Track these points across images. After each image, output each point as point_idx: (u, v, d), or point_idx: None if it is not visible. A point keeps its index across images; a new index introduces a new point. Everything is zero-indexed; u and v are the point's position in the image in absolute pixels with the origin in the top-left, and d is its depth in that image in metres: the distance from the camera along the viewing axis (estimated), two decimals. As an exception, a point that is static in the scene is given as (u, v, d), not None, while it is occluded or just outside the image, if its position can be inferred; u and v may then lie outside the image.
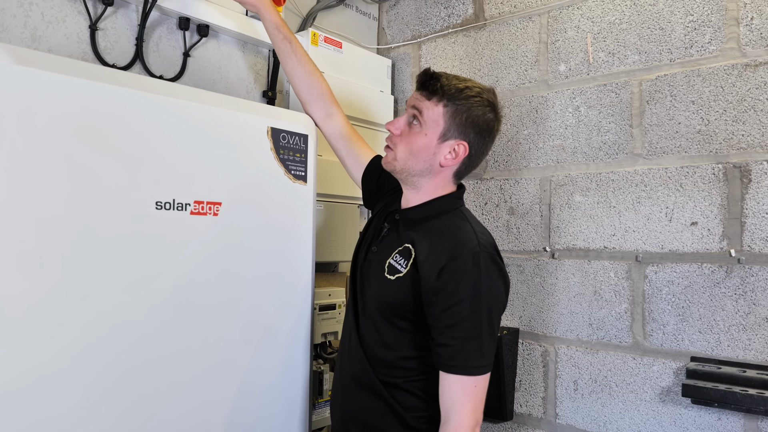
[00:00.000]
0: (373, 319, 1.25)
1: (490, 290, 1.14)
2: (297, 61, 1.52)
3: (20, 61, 1.06)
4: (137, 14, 1.51)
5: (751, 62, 1.50)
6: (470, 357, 1.12)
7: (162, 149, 1.23)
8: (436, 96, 1.20)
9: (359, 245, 1.39)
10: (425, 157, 1.21)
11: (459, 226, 1.22)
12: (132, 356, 1.17)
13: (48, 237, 1.06)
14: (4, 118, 1.01)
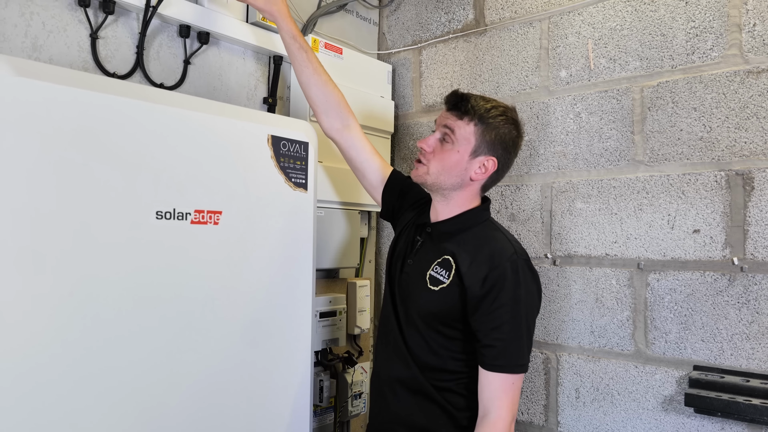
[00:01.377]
0: (418, 327, 1.34)
1: (528, 295, 1.27)
2: (312, 71, 1.53)
3: (21, 72, 1.06)
4: (138, 22, 1.51)
5: (754, 69, 1.50)
6: (512, 356, 1.24)
7: (162, 158, 1.24)
8: (468, 116, 1.30)
9: (392, 258, 1.47)
10: (457, 172, 1.32)
11: (493, 236, 1.33)
12: (133, 363, 1.18)
13: (49, 246, 1.06)
14: (5, 129, 1.02)
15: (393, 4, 2.26)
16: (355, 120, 1.59)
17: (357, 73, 2.02)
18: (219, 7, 1.65)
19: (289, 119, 1.56)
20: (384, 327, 1.45)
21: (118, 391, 1.15)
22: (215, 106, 1.37)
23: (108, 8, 1.44)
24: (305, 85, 1.56)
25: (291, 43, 1.52)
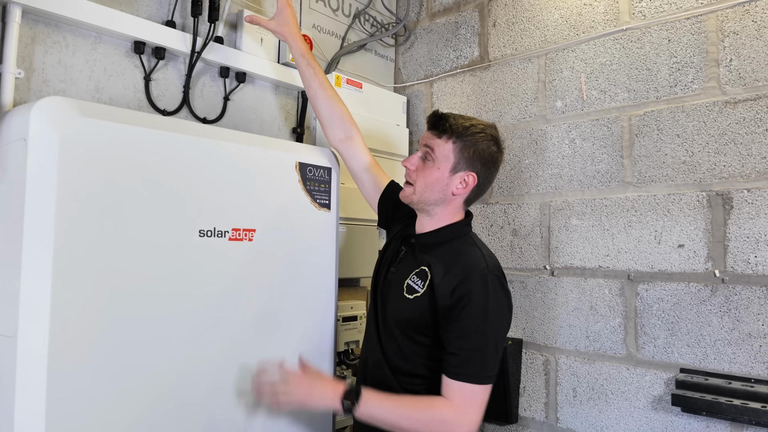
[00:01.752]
0: (393, 333, 1.30)
1: (496, 309, 1.19)
2: (318, 85, 1.54)
3: (85, 114, 1.14)
4: (185, 65, 1.60)
5: (731, 100, 1.52)
6: (474, 367, 1.16)
7: (204, 184, 1.30)
8: (446, 134, 1.26)
9: (379, 266, 1.43)
10: (439, 188, 1.27)
11: (469, 250, 1.27)
12: (180, 364, 1.24)
13: (111, 261, 1.13)
14: (73, 162, 1.09)
15: (407, 43, 2.32)
16: (358, 133, 1.58)
17: (375, 105, 2.09)
18: (254, 51, 1.73)
19: (315, 147, 1.62)
20: (366, 332, 1.42)
21: (165, 384, 1.22)
22: (250, 138, 1.44)
23: (159, 54, 1.53)
24: (312, 99, 1.57)
25: (300, 60, 1.55)
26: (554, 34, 1.88)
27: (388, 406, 1.20)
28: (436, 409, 1.17)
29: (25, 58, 1.32)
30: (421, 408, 1.18)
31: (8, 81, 1.28)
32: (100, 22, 1.40)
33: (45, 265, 1.07)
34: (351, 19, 2.13)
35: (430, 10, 2.26)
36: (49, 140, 1.09)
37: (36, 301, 1.06)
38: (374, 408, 1.20)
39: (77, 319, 1.09)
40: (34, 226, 1.08)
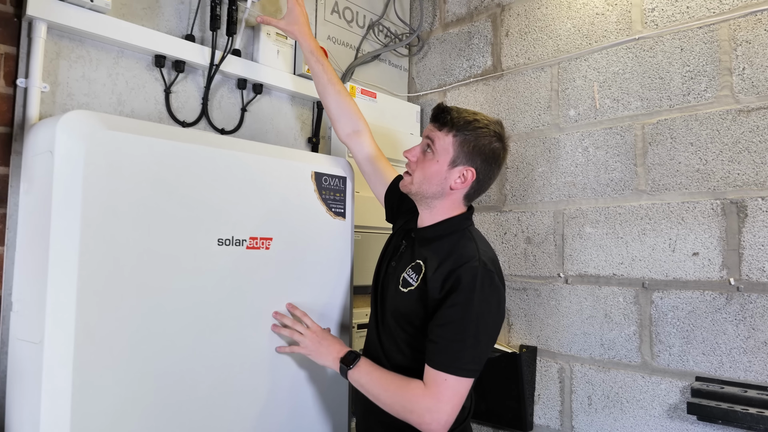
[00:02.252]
0: (390, 327, 1.31)
1: (482, 303, 1.16)
2: (327, 81, 1.56)
3: (109, 126, 1.18)
4: (203, 78, 1.64)
5: (744, 108, 1.52)
6: (451, 356, 1.15)
7: (223, 194, 1.34)
8: (446, 127, 1.25)
9: (380, 260, 1.45)
10: (437, 181, 1.26)
11: (465, 244, 1.25)
12: (200, 369, 1.27)
13: (135, 268, 1.16)
14: (97, 174, 1.13)
15: (421, 53, 2.35)
16: (366, 127, 1.58)
17: (389, 114, 2.11)
18: (270, 63, 1.76)
19: (330, 157, 1.64)
20: (369, 326, 1.43)
21: (187, 383, 1.24)
22: (267, 149, 1.47)
23: (179, 67, 1.57)
24: (321, 94, 1.58)
25: (310, 57, 1.57)
26: (567, 44, 1.89)
27: (374, 377, 1.25)
28: (411, 392, 1.18)
29: (50, 72, 1.36)
30: (400, 387, 1.20)
31: (34, 95, 1.32)
32: (122, 37, 1.44)
33: (70, 274, 1.10)
34: (365, 30, 2.16)
35: (443, 21, 2.29)
36: (75, 153, 1.13)
37: (62, 308, 1.10)
38: (363, 376, 1.26)
39: (101, 326, 1.12)
40: (60, 236, 1.11)
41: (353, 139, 1.58)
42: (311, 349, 1.37)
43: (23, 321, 1.21)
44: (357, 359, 1.29)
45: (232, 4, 1.63)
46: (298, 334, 1.38)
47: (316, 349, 1.36)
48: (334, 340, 1.38)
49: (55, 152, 1.13)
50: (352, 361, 1.29)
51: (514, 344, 1.95)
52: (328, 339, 1.37)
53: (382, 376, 1.25)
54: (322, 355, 1.35)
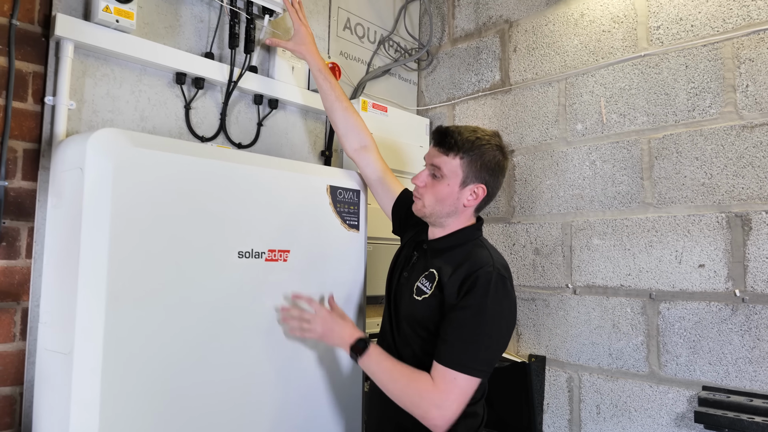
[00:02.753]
0: (405, 334, 1.35)
1: (495, 306, 1.21)
2: (335, 98, 1.61)
3: (136, 144, 1.22)
4: (221, 94, 1.69)
5: (748, 124, 1.57)
6: (461, 355, 1.18)
7: (243, 208, 1.38)
8: (452, 151, 1.29)
9: (392, 271, 1.49)
10: (450, 202, 1.31)
11: (478, 252, 1.30)
12: (221, 375, 1.30)
13: (160, 279, 1.21)
14: (125, 190, 1.17)
15: (430, 67, 2.40)
16: (372, 143, 1.62)
17: (400, 127, 2.16)
18: (286, 79, 1.81)
19: (344, 171, 1.69)
20: (381, 333, 1.47)
21: (205, 395, 1.28)
22: (284, 163, 1.51)
23: (199, 84, 1.62)
24: (329, 111, 1.63)
25: (318, 75, 1.62)
26: (574, 60, 1.94)
27: (384, 366, 1.27)
28: (419, 385, 1.21)
29: (77, 90, 1.41)
30: (410, 380, 1.23)
31: (62, 112, 1.37)
32: (145, 56, 1.49)
33: (99, 286, 1.14)
34: (376, 45, 2.22)
35: (452, 36, 2.34)
36: (104, 169, 1.17)
37: (91, 320, 1.14)
38: (373, 364, 1.28)
39: (128, 336, 1.16)
40: (90, 249, 1.15)
41: (360, 154, 1.62)
42: (321, 334, 1.37)
43: (52, 332, 1.25)
44: (367, 347, 1.30)
45: (250, 23, 1.68)
46: (306, 322, 1.38)
47: (327, 334, 1.37)
48: (345, 323, 1.38)
49: (85, 169, 1.17)
50: (362, 348, 1.30)
51: (523, 354, 1.98)
52: (338, 323, 1.37)
53: (392, 367, 1.27)
54: (333, 340, 1.37)
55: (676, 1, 1.72)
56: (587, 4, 1.92)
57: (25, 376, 1.32)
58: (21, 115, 1.35)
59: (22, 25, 1.35)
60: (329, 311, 1.41)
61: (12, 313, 1.32)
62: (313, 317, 1.39)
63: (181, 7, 1.62)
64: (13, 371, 1.31)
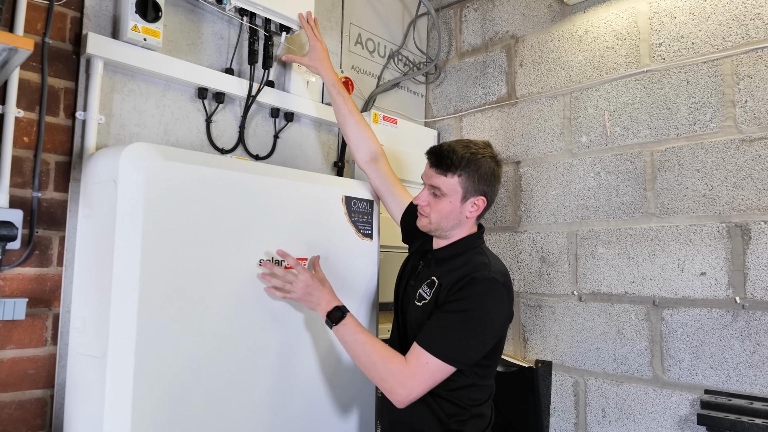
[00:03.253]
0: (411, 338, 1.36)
1: (481, 303, 1.27)
2: (348, 111, 1.67)
3: (165, 157, 1.28)
4: (240, 108, 1.76)
5: (747, 138, 1.64)
6: (437, 339, 1.24)
7: (262, 217, 1.43)
8: (450, 171, 1.34)
9: (399, 280, 1.55)
10: (454, 216, 1.37)
11: (477, 259, 1.36)
12: (243, 375, 1.36)
13: (187, 288, 1.27)
14: (155, 201, 1.23)
15: (437, 80, 2.47)
16: (383, 155, 1.68)
17: (409, 139, 2.23)
18: (301, 93, 1.88)
19: (359, 182, 1.75)
20: (390, 339, 1.52)
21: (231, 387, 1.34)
22: (302, 175, 1.57)
23: (219, 99, 1.69)
24: (342, 124, 1.68)
25: (332, 89, 1.68)
26: (578, 74, 2.01)
27: (359, 338, 1.31)
28: (390, 362, 1.26)
29: (105, 105, 1.48)
30: (383, 356, 1.28)
31: (92, 127, 1.44)
32: (170, 72, 1.56)
33: (132, 292, 1.20)
34: (386, 59, 2.29)
35: (459, 50, 2.42)
36: (136, 181, 1.23)
37: (124, 324, 1.20)
38: (348, 334, 1.32)
39: (158, 340, 1.22)
40: (123, 257, 1.22)
41: (371, 165, 1.68)
42: (300, 297, 1.38)
43: (85, 336, 1.31)
44: (344, 316, 1.34)
45: (268, 40, 1.75)
46: (288, 284, 1.38)
47: (305, 298, 1.38)
48: (324, 291, 1.39)
49: (118, 181, 1.24)
50: (339, 318, 1.33)
51: (530, 359, 2.04)
52: (319, 289, 1.38)
53: (366, 339, 1.31)
54: (312, 305, 1.38)
55: (678, 20, 1.79)
56: (591, 22, 2.00)
57: (56, 379, 1.38)
58: (53, 129, 1.41)
59: (55, 43, 1.41)
60: (312, 275, 1.40)
61: (44, 319, 1.38)
62: (294, 279, 1.38)
63: (203, 24, 1.69)
64: (44, 374, 1.37)
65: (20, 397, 1.34)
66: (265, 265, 1.41)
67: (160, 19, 1.48)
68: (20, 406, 1.34)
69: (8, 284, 1.33)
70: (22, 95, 1.35)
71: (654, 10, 1.85)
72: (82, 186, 1.41)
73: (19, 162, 1.35)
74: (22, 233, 1.33)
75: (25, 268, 1.35)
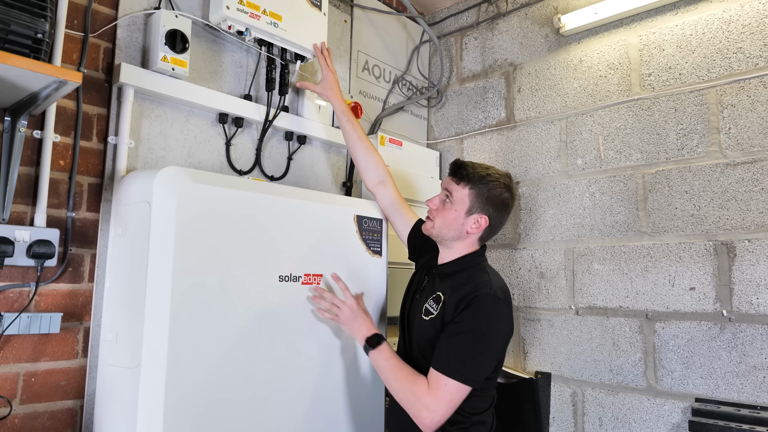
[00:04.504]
0: (418, 352, 1.49)
1: (486, 322, 1.36)
2: (357, 137, 1.77)
3: (195, 180, 1.38)
4: (257, 131, 1.86)
5: (731, 162, 1.77)
6: (452, 361, 1.33)
7: (282, 236, 1.53)
8: (463, 181, 1.46)
9: (406, 294, 1.65)
10: (455, 226, 1.47)
11: (478, 276, 1.45)
12: (266, 384, 1.44)
13: (214, 303, 1.36)
14: (186, 221, 1.32)
15: (439, 104, 2.60)
16: (390, 178, 1.78)
17: (413, 160, 2.34)
18: (313, 117, 1.99)
19: (369, 202, 1.85)
20: (398, 351, 1.58)
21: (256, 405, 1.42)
22: (316, 195, 1.67)
23: (239, 123, 1.79)
24: (352, 149, 1.78)
25: (341, 117, 1.79)
26: (574, 101, 2.14)
27: (391, 364, 1.42)
28: (416, 387, 1.35)
29: (135, 130, 1.58)
30: (408, 380, 1.37)
31: (123, 150, 1.53)
32: (194, 98, 1.66)
33: (164, 306, 1.29)
34: (391, 84, 2.41)
35: (459, 76, 2.54)
36: (169, 203, 1.33)
37: (156, 336, 1.28)
38: (382, 359, 1.43)
39: (188, 352, 1.31)
40: (157, 273, 1.31)
41: (379, 188, 1.78)
42: (345, 322, 1.52)
43: (117, 349, 1.39)
44: (381, 342, 1.45)
45: (284, 68, 1.86)
46: (336, 308, 1.52)
47: (350, 323, 1.51)
48: (367, 319, 1.52)
49: (152, 203, 1.33)
50: (376, 343, 1.45)
51: (530, 370, 2.14)
52: (362, 317, 1.52)
53: (397, 365, 1.41)
54: (353, 330, 1.51)
55: (666, 52, 1.93)
56: (585, 52, 2.13)
57: (86, 390, 1.46)
58: (87, 153, 1.50)
59: (89, 72, 1.51)
60: (358, 304, 1.54)
61: (75, 332, 1.46)
62: (342, 304, 1.52)
63: (224, 54, 1.80)
64: (75, 386, 1.45)
65: (52, 408, 1.41)
66: (316, 290, 1.56)
67: (187, 50, 1.59)
68: (52, 416, 1.41)
69: (44, 299, 1.41)
70: (59, 121, 1.45)
71: (644, 42, 1.99)
72: (113, 206, 1.50)
73: (55, 184, 1.44)
74: (58, 251, 1.41)
75: (59, 284, 1.43)
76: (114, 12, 1.57)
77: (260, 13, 1.71)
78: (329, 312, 1.53)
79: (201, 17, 1.72)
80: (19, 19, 1.18)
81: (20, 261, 1.34)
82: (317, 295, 1.55)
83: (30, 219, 1.39)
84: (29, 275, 1.38)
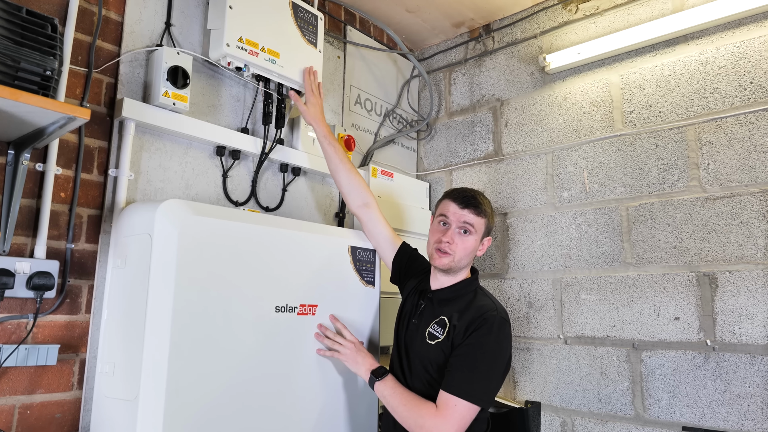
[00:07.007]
0: (417, 371, 1.53)
1: (495, 343, 1.44)
2: (339, 161, 1.79)
3: (195, 212, 1.42)
4: (253, 163, 1.91)
5: (711, 196, 1.86)
6: (463, 383, 1.39)
7: (278, 267, 1.56)
8: (482, 214, 1.56)
9: (400, 318, 1.69)
10: (472, 252, 1.57)
11: (482, 299, 1.54)
12: (263, 412, 1.46)
13: (213, 334, 1.38)
14: (186, 253, 1.36)
15: (429, 137, 2.68)
16: (374, 200, 1.80)
17: (403, 191, 2.40)
18: (307, 149, 2.05)
19: (362, 233, 1.90)
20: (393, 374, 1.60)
21: None
22: (311, 227, 1.71)
23: (236, 156, 1.84)
24: (334, 172, 1.81)
25: (323, 140, 1.80)
26: (559, 136, 2.24)
27: (397, 392, 1.48)
28: (424, 410, 1.40)
29: (135, 162, 1.61)
30: (416, 405, 1.43)
31: (123, 183, 1.57)
32: (193, 132, 1.70)
33: (164, 337, 1.31)
34: (382, 117, 2.49)
35: (448, 110, 2.63)
36: (171, 235, 1.36)
37: (156, 368, 1.30)
38: (388, 389, 1.49)
39: (187, 382, 1.32)
40: (157, 305, 1.33)
41: (363, 210, 1.80)
42: (348, 358, 1.60)
43: (114, 381, 1.40)
44: (386, 374, 1.53)
45: (281, 103, 1.92)
46: (338, 345, 1.62)
47: (353, 359, 1.59)
48: (368, 354, 1.61)
49: (153, 235, 1.36)
50: (381, 374, 1.52)
51: (519, 400, 2.18)
52: (364, 352, 1.61)
53: (403, 393, 1.48)
54: (357, 364, 1.58)
55: (646, 91, 2.04)
56: (569, 89, 2.24)
57: (80, 422, 1.46)
58: (87, 185, 1.54)
59: (91, 106, 1.55)
60: (359, 343, 1.65)
61: (71, 364, 1.46)
62: (345, 342, 1.62)
63: (222, 88, 1.86)
64: (69, 418, 1.45)
65: (46, 441, 1.41)
66: (320, 328, 1.64)
67: (188, 86, 1.64)
68: (45, 450, 1.40)
69: (41, 331, 1.42)
70: (61, 154, 1.48)
71: (625, 81, 2.09)
72: (112, 238, 1.53)
73: (55, 216, 1.46)
74: (57, 282, 1.43)
75: (57, 315, 1.45)
76: (117, 48, 1.62)
77: (259, 51, 1.78)
78: (331, 350, 1.62)
79: (201, 54, 1.77)
80: (30, 57, 1.23)
81: (20, 293, 1.35)
82: (320, 334, 1.63)
83: (30, 250, 1.41)
84: (28, 306, 1.39)
